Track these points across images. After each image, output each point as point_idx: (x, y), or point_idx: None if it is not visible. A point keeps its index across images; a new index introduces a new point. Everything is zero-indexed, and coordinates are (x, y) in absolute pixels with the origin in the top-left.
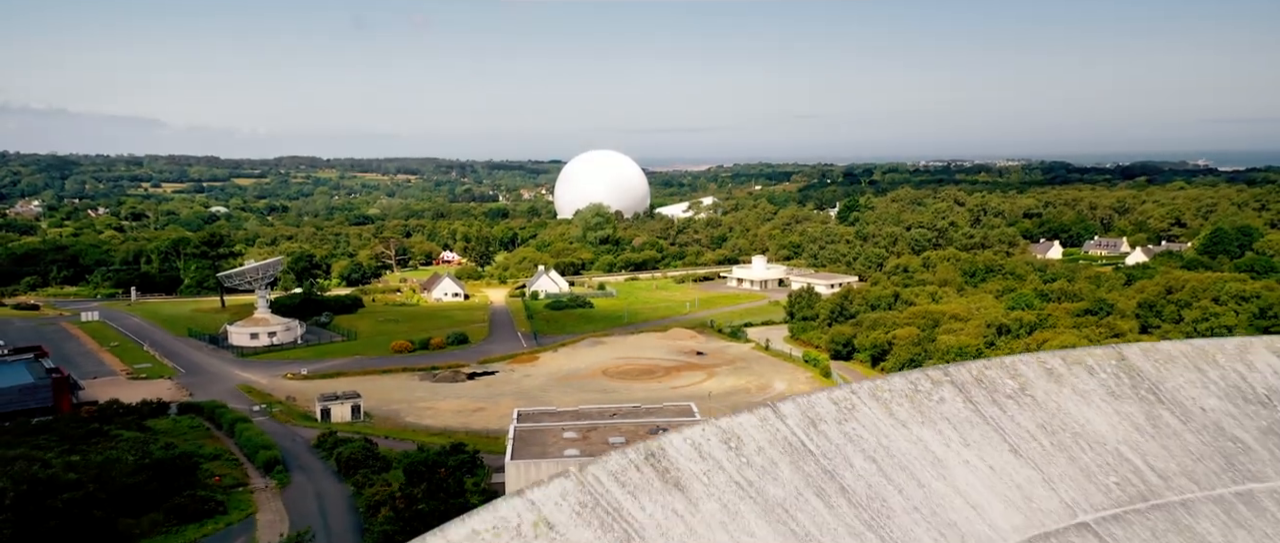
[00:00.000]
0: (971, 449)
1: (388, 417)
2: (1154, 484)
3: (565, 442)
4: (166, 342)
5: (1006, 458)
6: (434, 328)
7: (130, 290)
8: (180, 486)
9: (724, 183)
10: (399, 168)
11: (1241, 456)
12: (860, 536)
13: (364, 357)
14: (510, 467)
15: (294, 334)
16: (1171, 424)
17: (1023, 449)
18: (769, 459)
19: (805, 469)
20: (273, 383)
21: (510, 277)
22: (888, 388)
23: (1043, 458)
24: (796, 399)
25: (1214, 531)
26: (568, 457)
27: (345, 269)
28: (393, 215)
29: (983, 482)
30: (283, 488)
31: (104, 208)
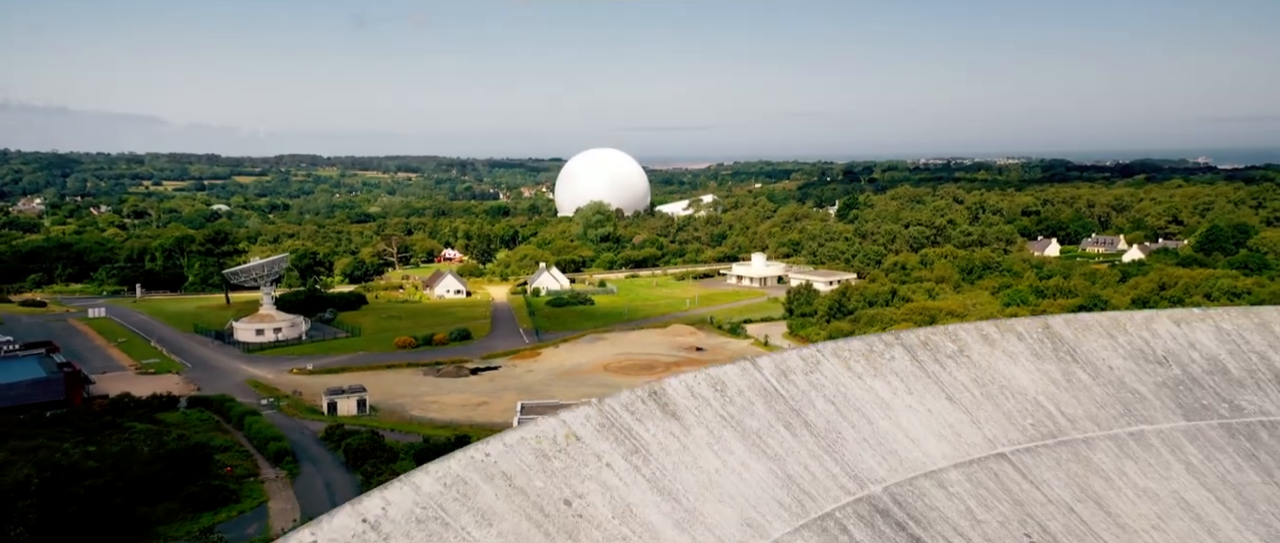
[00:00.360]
0: (914, 397)
1: (393, 411)
2: (1063, 426)
3: None
4: (173, 338)
5: (943, 404)
6: (437, 324)
7: (135, 287)
8: (194, 475)
9: (724, 181)
10: (400, 166)
11: (1137, 404)
12: (819, 458)
13: (368, 353)
14: None
15: (299, 330)
16: (1082, 379)
17: (956, 397)
18: (747, 399)
19: (776, 408)
20: (279, 378)
21: (512, 274)
22: (847, 348)
23: (973, 405)
24: (772, 356)
25: (1107, 460)
26: None
27: (348, 266)
28: (394, 213)
29: (921, 422)
30: (293, 479)
31: (106, 205)
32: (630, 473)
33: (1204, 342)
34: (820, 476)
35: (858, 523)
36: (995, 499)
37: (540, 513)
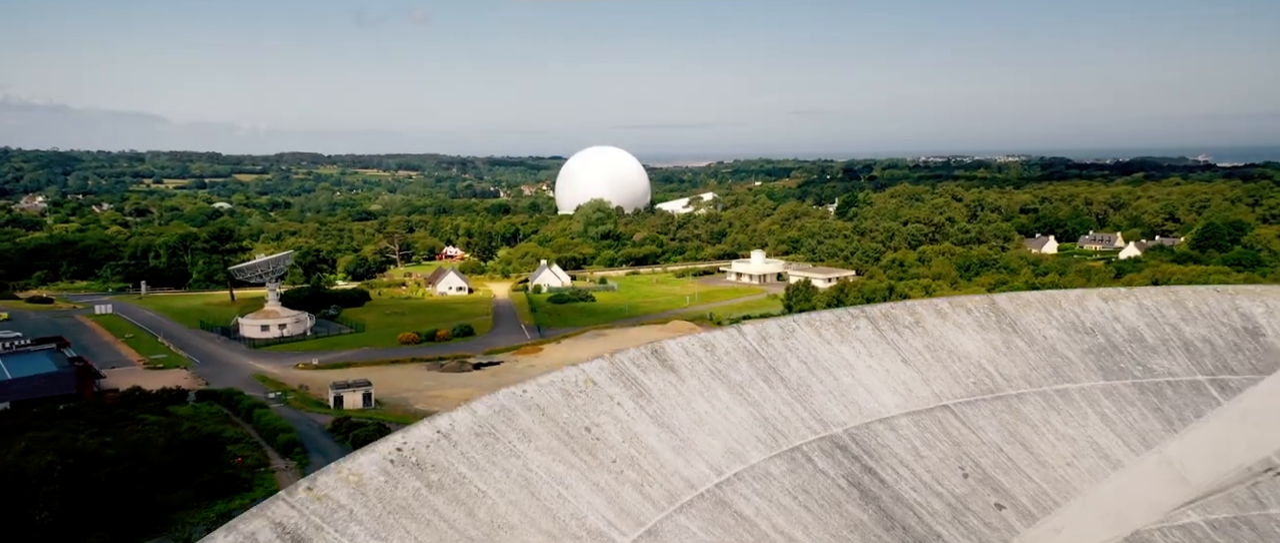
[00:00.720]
0: (874, 359)
1: (398, 404)
2: (999, 383)
3: None
4: (179, 334)
5: (898, 365)
6: (439, 321)
7: (140, 284)
8: (207, 464)
9: (724, 179)
10: (400, 164)
11: (1064, 366)
12: (790, 405)
13: (372, 348)
14: None
15: (304, 326)
16: (1020, 346)
17: (911, 361)
18: (733, 358)
19: (756, 365)
20: (285, 372)
21: (513, 271)
22: (819, 319)
23: (924, 366)
24: (754, 323)
25: (1034, 412)
26: None
27: (350, 264)
28: (395, 211)
29: (879, 379)
30: (303, 469)
31: (108, 203)
32: (636, 410)
33: (1126, 315)
34: (791, 419)
35: (820, 455)
36: (937, 441)
37: (566, 435)
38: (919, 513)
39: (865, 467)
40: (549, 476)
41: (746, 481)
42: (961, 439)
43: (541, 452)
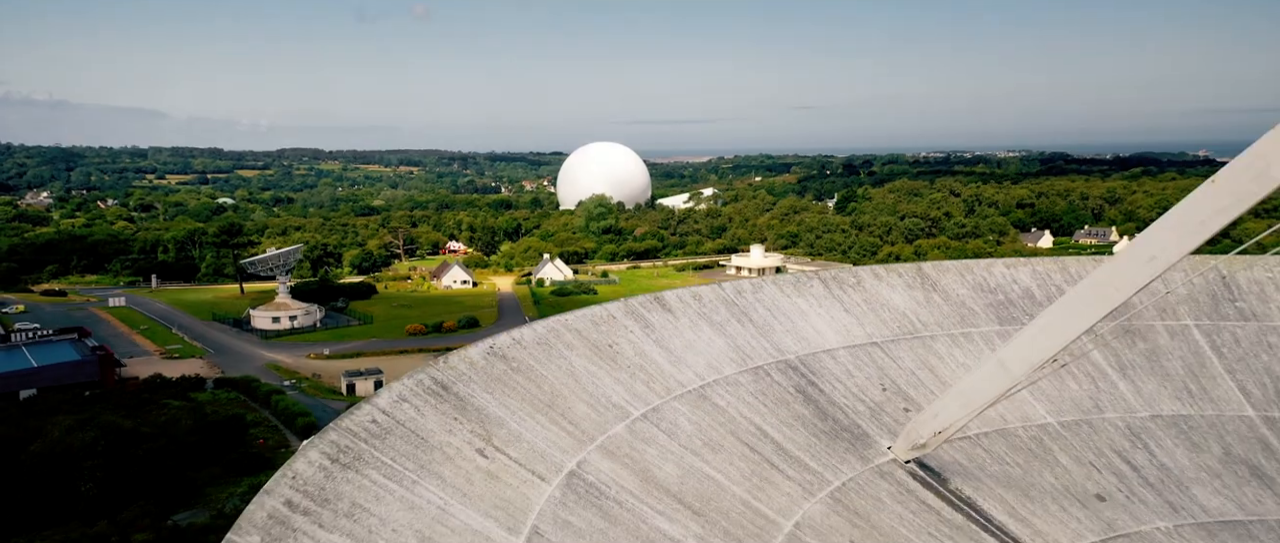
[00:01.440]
0: (822, 308)
1: None
2: (918, 329)
3: None
4: (193, 325)
5: (840, 313)
6: (445, 313)
7: (151, 278)
8: (232, 444)
9: (725, 174)
10: (401, 160)
11: (970, 316)
12: (756, 338)
13: (380, 339)
14: None
15: (313, 318)
16: (937, 301)
17: (850, 310)
18: (714, 305)
19: (732, 310)
20: (297, 362)
21: (516, 265)
22: (781, 280)
23: (860, 315)
24: (731, 282)
25: (942, 348)
26: None
27: (355, 258)
28: (397, 206)
29: (824, 322)
30: None
31: (113, 199)
32: (643, 335)
33: (1022, 278)
34: (756, 347)
35: (776, 371)
36: (865, 366)
37: (595, 348)
38: (847, 412)
39: (809, 381)
40: (585, 371)
41: (722, 385)
42: (884, 366)
43: (579, 356)
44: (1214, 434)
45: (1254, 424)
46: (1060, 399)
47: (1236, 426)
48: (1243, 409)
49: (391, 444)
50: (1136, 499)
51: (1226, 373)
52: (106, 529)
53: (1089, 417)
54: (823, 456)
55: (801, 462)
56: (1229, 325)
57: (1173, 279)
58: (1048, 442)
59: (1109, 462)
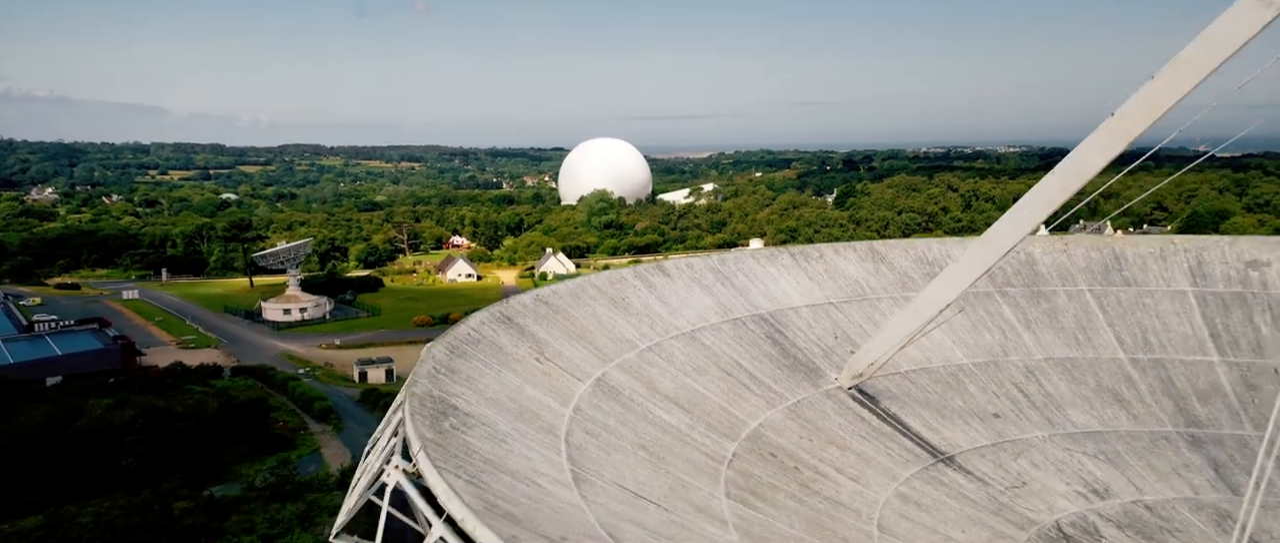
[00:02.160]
0: (789, 276)
1: None
2: (868, 293)
3: None
4: (205, 317)
5: (804, 280)
6: (451, 305)
7: (161, 272)
8: (255, 426)
9: (725, 169)
10: (402, 155)
11: (910, 283)
12: (735, 297)
13: (388, 330)
14: None
15: (323, 310)
16: (885, 272)
17: (814, 277)
18: (703, 272)
19: (717, 276)
20: (309, 352)
21: (519, 259)
22: (757, 254)
23: (821, 281)
24: (717, 255)
25: (886, 307)
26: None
27: (361, 252)
28: (400, 202)
29: (791, 287)
30: (338, 432)
31: (117, 195)
32: (648, 293)
33: (957, 254)
34: (736, 303)
35: (750, 322)
36: (822, 319)
37: (610, 299)
38: (804, 353)
39: (777, 329)
40: (605, 315)
41: (707, 330)
42: (838, 319)
43: (600, 305)
44: (1091, 371)
45: (1122, 364)
46: (975, 345)
47: (1109, 365)
48: (1116, 353)
49: (481, 349)
50: (1023, 417)
51: (1108, 326)
52: (150, 499)
53: (996, 359)
54: (784, 381)
55: (767, 385)
56: (1114, 290)
57: (1076, 255)
58: (962, 377)
59: (1007, 391)
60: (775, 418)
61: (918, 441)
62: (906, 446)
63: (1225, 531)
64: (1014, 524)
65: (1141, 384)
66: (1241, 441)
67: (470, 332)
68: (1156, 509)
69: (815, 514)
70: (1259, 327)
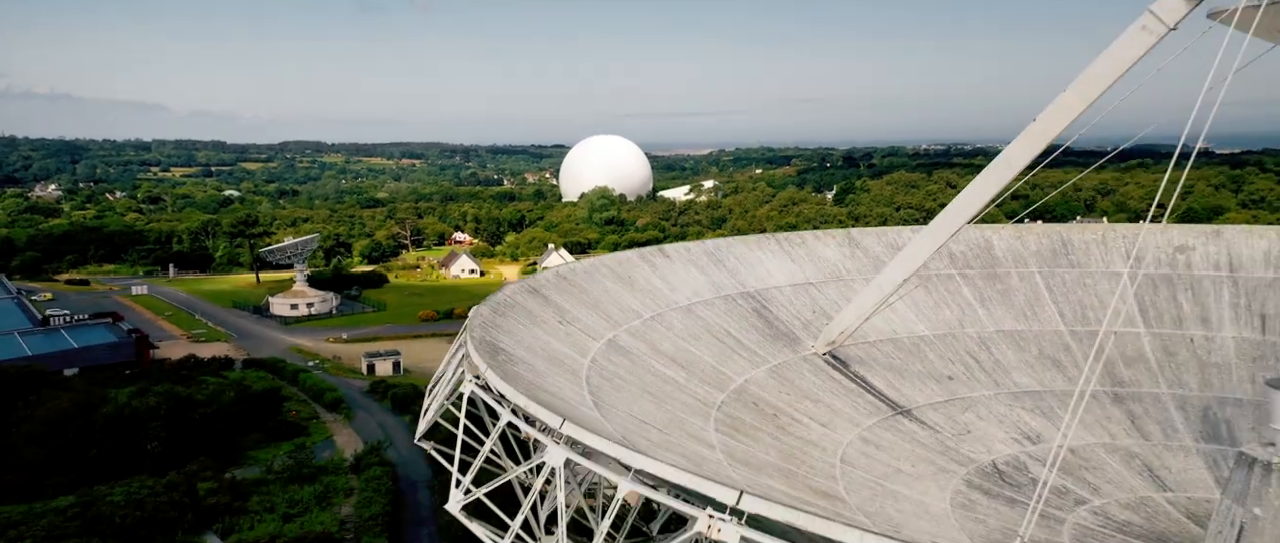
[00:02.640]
0: (774, 260)
1: (425, 371)
2: (844, 275)
3: None
4: (214, 312)
5: (787, 263)
6: (455, 300)
7: (168, 267)
8: (270, 414)
9: (725, 167)
10: (403, 153)
11: (882, 266)
12: (726, 277)
13: (394, 324)
14: None
15: (330, 305)
16: (860, 256)
17: (795, 261)
18: (698, 255)
19: (711, 259)
20: (318, 345)
21: (521, 255)
22: (746, 240)
23: (803, 263)
24: (711, 240)
25: (859, 287)
26: None
27: (365, 248)
28: (401, 199)
29: (776, 268)
30: (349, 420)
31: (121, 192)
32: (649, 272)
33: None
34: (726, 281)
35: (739, 297)
36: (802, 295)
37: (619, 278)
38: (786, 324)
39: (762, 304)
40: (614, 289)
41: (701, 303)
42: (816, 296)
43: (610, 281)
44: (1035, 341)
45: (1062, 335)
46: (936, 319)
47: (1051, 336)
48: (1057, 325)
49: (515, 311)
50: (973, 379)
51: (1052, 303)
52: (176, 479)
53: (953, 330)
54: (767, 347)
55: (752, 349)
56: (1060, 272)
57: (1029, 241)
58: (922, 346)
59: (961, 357)
60: (758, 376)
61: (880, 397)
62: (870, 401)
63: (1132, 468)
64: (956, 462)
65: (1077, 351)
66: (1156, 397)
67: (506, 298)
68: (1078, 452)
69: (789, 448)
70: (1181, 303)
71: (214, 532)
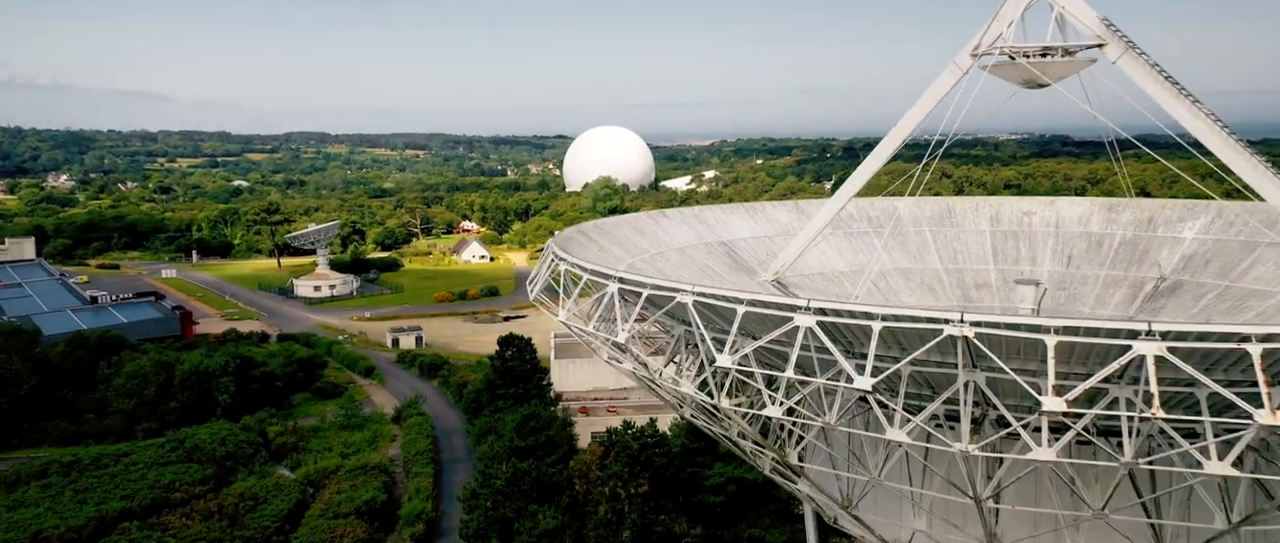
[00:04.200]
0: (741, 221)
1: (444, 346)
2: (790, 231)
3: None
4: (242, 293)
5: (750, 222)
6: (467, 283)
7: (191, 254)
8: (312, 377)
9: (727, 157)
10: (407, 143)
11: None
12: (707, 231)
13: (411, 305)
14: (555, 365)
15: (350, 287)
16: (802, 218)
17: (756, 220)
18: (686, 218)
19: (697, 219)
20: (343, 323)
21: (528, 242)
22: (721, 208)
23: (762, 221)
24: (697, 207)
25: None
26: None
27: (378, 235)
28: (408, 189)
29: (742, 226)
30: (382, 384)
31: (132, 182)
32: (655, 227)
33: (865, 209)
34: (706, 235)
35: (716, 246)
36: (759, 245)
37: (634, 229)
38: (747, 261)
39: (732, 250)
40: (631, 235)
41: (688, 248)
42: (769, 245)
43: (627, 231)
44: (920, 276)
45: (939, 271)
46: (852, 260)
47: (930, 272)
48: (936, 265)
49: (572, 241)
50: (871, 298)
51: (935, 250)
52: (249, 423)
53: (863, 268)
54: (733, 275)
55: (722, 276)
56: (944, 230)
57: (925, 208)
58: (841, 278)
59: (866, 286)
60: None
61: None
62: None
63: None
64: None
65: (946, 281)
66: (990, 309)
67: (563, 236)
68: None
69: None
70: (1020, 249)
71: (284, 465)
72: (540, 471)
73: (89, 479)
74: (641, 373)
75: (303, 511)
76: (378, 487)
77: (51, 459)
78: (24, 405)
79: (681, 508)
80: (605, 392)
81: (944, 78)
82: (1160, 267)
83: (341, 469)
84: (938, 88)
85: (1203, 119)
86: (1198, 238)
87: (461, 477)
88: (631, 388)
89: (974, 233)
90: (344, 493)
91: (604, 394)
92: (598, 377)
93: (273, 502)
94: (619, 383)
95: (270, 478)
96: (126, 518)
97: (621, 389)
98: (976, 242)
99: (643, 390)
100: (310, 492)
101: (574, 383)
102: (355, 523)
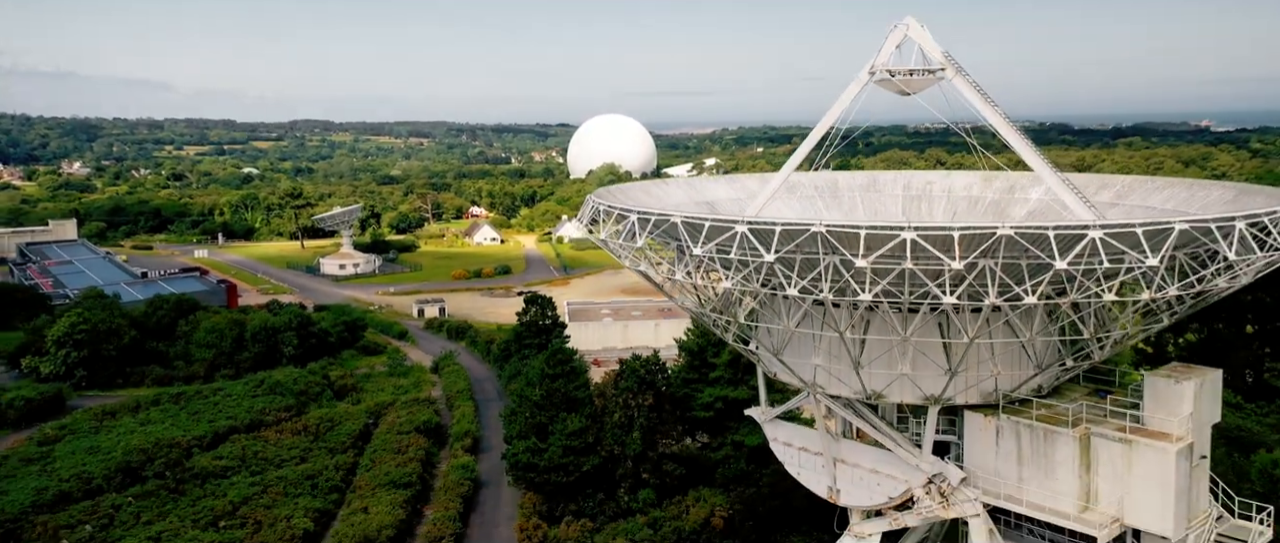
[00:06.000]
0: (720, 187)
1: (466, 316)
2: (756, 193)
3: (603, 314)
4: (271, 271)
5: (729, 189)
6: (481, 263)
7: (217, 236)
8: (358, 336)
9: (728, 145)
10: (411, 131)
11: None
12: (695, 192)
13: (430, 282)
14: (570, 327)
15: (372, 266)
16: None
17: (733, 188)
18: (681, 183)
19: (689, 187)
20: (371, 297)
21: (536, 226)
22: (706, 178)
23: (736, 188)
24: (688, 179)
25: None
26: (604, 320)
27: (393, 219)
28: (415, 176)
29: (720, 190)
30: (416, 344)
31: (145, 169)
32: (660, 190)
33: (793, 178)
34: (695, 195)
35: (702, 202)
36: (735, 201)
37: (643, 191)
38: (727, 211)
39: (712, 206)
40: (639, 195)
41: (683, 205)
42: (741, 202)
43: (637, 192)
44: None
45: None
46: (802, 215)
47: None
48: (861, 219)
49: (615, 192)
50: None
51: (862, 209)
52: (315, 368)
53: (812, 223)
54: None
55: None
56: (870, 195)
57: (856, 179)
58: None
59: None
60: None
61: None
62: None
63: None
64: None
65: None
66: None
67: (600, 192)
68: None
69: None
70: (922, 209)
71: (346, 401)
72: (567, 389)
73: (195, 406)
74: (654, 273)
75: (367, 435)
76: (431, 413)
77: (161, 392)
78: (125, 353)
79: (679, 421)
80: (613, 349)
81: (851, 87)
82: (1005, 219)
83: (398, 402)
84: (848, 94)
85: (1011, 128)
86: (1040, 198)
87: (495, 410)
88: (633, 347)
89: (891, 197)
90: (403, 418)
91: (612, 351)
92: (607, 338)
93: (345, 424)
94: (625, 343)
95: (339, 408)
96: (233, 433)
97: (627, 348)
98: (892, 203)
99: (644, 342)
100: (372, 421)
101: (586, 342)
102: (417, 437)
